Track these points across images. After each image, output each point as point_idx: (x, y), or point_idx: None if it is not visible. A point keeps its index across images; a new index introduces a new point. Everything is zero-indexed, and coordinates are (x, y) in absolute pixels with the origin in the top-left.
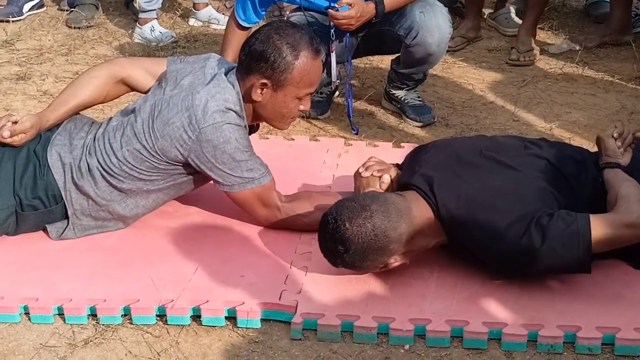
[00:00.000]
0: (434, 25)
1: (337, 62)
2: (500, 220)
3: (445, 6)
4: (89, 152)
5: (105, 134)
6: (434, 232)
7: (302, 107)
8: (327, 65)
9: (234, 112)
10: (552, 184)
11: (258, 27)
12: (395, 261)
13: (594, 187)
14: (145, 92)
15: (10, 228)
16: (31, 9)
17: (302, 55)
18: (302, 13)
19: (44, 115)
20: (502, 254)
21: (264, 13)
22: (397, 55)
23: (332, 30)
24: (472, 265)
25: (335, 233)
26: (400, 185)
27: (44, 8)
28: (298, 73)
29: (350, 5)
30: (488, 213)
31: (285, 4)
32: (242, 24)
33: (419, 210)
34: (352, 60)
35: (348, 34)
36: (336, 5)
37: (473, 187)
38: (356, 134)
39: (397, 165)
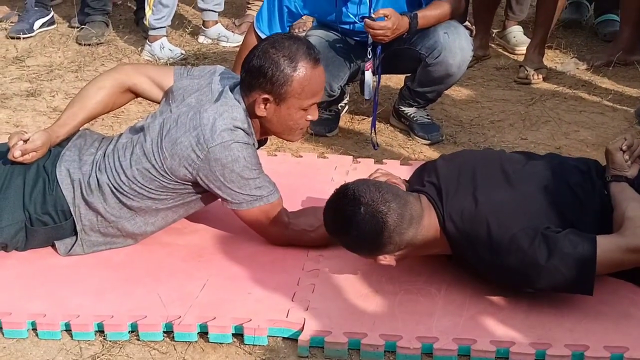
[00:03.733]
0: (457, 46)
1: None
2: (503, 234)
3: None
4: (98, 169)
5: (115, 151)
6: (436, 243)
7: (309, 118)
8: (360, 83)
9: (242, 130)
10: (557, 197)
11: (255, 45)
12: (384, 259)
13: (601, 199)
14: (151, 100)
15: (20, 243)
16: (42, 25)
17: (300, 66)
18: (321, 31)
19: (53, 130)
20: (505, 268)
21: (288, 28)
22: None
23: (369, 49)
24: (477, 279)
25: (347, 210)
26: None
27: (55, 25)
28: (298, 84)
29: (387, 16)
30: (491, 228)
31: (304, 20)
32: None
33: (429, 220)
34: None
35: (380, 47)
36: (373, 15)
37: (478, 201)
38: (376, 149)
39: (404, 180)
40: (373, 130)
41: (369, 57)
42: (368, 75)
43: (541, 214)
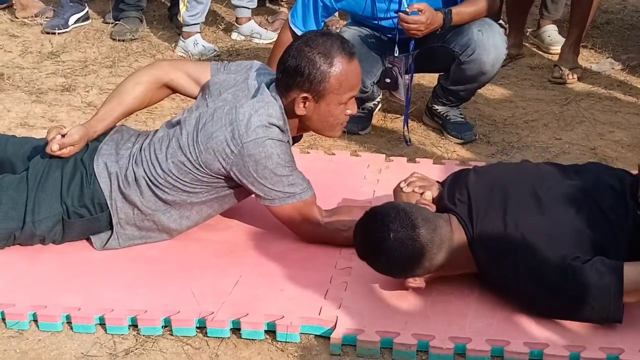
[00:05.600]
0: (491, 44)
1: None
2: (530, 263)
3: None
4: (135, 162)
5: (151, 145)
6: (466, 263)
7: (349, 112)
8: (382, 75)
9: (277, 127)
10: (588, 224)
11: (289, 44)
12: (414, 282)
13: (634, 222)
14: (188, 95)
15: (57, 236)
16: (77, 21)
17: (336, 62)
18: (354, 27)
19: (91, 125)
20: (531, 297)
21: (323, 24)
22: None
23: (396, 46)
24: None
25: (376, 235)
26: (441, 208)
27: (89, 21)
28: (336, 80)
29: (421, 11)
30: (519, 255)
31: (337, 17)
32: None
33: (459, 242)
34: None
35: (413, 43)
36: (407, 9)
37: (507, 226)
38: (408, 145)
39: (438, 182)
40: (406, 127)
41: (395, 55)
42: (396, 71)
43: (570, 241)
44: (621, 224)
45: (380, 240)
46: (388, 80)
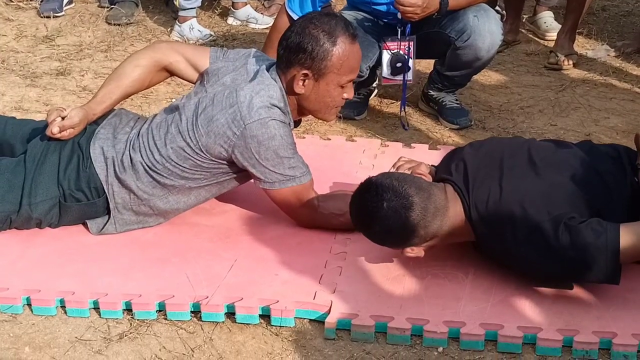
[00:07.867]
0: (487, 30)
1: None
2: (527, 224)
3: None
4: (132, 147)
5: (149, 131)
6: (463, 231)
7: (345, 95)
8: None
9: (279, 108)
10: (585, 185)
11: (292, 23)
12: (412, 251)
13: (631, 186)
14: (186, 79)
15: (54, 219)
16: (67, 4)
17: (339, 41)
18: (351, 12)
19: (90, 107)
20: (528, 259)
21: (320, 9)
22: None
23: (399, 28)
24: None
25: (370, 205)
26: (436, 180)
27: (73, 4)
28: (337, 59)
29: None
30: (515, 217)
31: (333, 3)
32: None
33: (454, 210)
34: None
35: (409, 27)
36: None
37: (503, 190)
38: (406, 129)
39: (432, 166)
40: (403, 110)
41: (389, 37)
42: (385, 54)
43: (567, 202)
44: (619, 188)
45: (374, 209)
46: (399, 64)
